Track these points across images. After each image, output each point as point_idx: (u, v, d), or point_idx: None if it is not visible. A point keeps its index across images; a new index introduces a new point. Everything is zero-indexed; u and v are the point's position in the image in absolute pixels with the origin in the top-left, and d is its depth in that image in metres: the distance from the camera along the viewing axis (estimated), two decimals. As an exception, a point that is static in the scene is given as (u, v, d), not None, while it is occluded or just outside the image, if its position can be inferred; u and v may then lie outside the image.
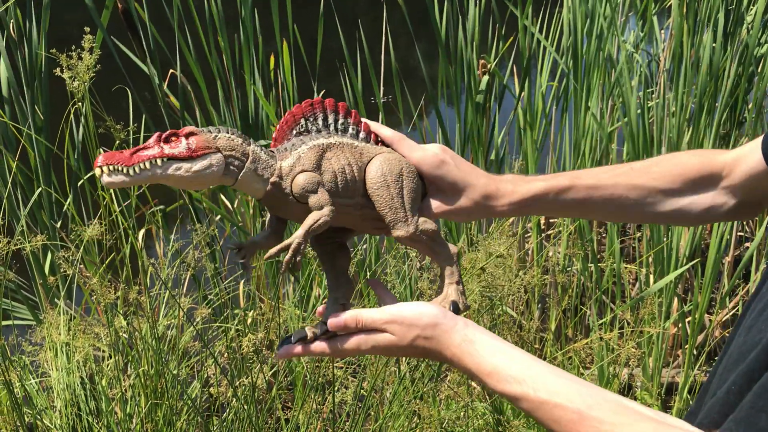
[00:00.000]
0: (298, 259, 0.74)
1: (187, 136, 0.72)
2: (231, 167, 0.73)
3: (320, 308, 0.82)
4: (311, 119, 0.80)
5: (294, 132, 0.79)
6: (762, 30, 2.72)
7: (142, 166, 0.68)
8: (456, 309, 0.79)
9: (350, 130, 0.82)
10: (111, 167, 0.68)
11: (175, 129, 0.73)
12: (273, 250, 0.73)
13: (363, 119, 0.83)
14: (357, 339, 0.76)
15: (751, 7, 2.69)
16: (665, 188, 0.84)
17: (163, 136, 0.71)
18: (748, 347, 0.58)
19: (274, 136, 0.79)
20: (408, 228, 0.79)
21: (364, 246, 2.30)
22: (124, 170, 0.68)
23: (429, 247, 0.81)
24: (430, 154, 0.82)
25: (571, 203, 0.83)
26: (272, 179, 0.75)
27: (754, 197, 0.83)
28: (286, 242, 0.73)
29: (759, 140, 0.80)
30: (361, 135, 0.83)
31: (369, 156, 0.81)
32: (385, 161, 0.80)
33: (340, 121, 0.81)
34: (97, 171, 0.68)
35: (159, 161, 0.70)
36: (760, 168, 0.80)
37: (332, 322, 0.76)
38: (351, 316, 0.76)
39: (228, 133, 0.74)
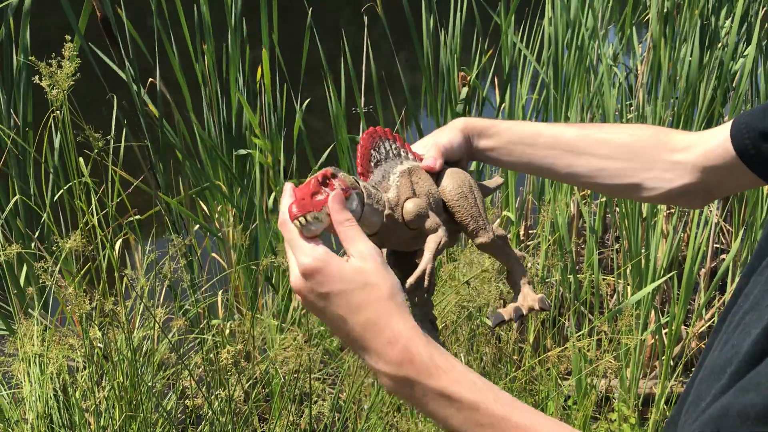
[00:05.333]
0: (433, 283, 0.77)
1: (333, 176, 0.70)
2: (359, 205, 0.72)
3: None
4: (376, 149, 0.80)
5: (372, 164, 0.80)
6: (735, 47, 2.76)
7: (325, 210, 0.67)
8: (545, 307, 0.81)
9: (402, 153, 0.82)
10: (308, 217, 0.65)
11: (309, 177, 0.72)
12: (412, 280, 0.74)
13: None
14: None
15: (726, 21, 2.73)
16: (604, 153, 0.84)
17: (320, 179, 0.69)
18: (722, 361, 0.58)
19: (359, 171, 0.79)
20: (489, 234, 0.81)
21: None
22: (319, 217, 0.66)
23: (503, 251, 0.83)
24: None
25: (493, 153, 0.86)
26: (386, 212, 0.76)
27: (706, 181, 0.82)
28: (420, 270, 0.75)
29: (726, 124, 0.80)
30: (410, 156, 0.83)
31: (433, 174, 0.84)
32: (454, 174, 0.82)
33: (394, 146, 0.82)
34: (296, 223, 0.65)
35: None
36: (721, 148, 0.79)
37: (338, 194, 0.69)
38: (350, 215, 0.67)
39: (340, 172, 0.73)
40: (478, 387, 0.59)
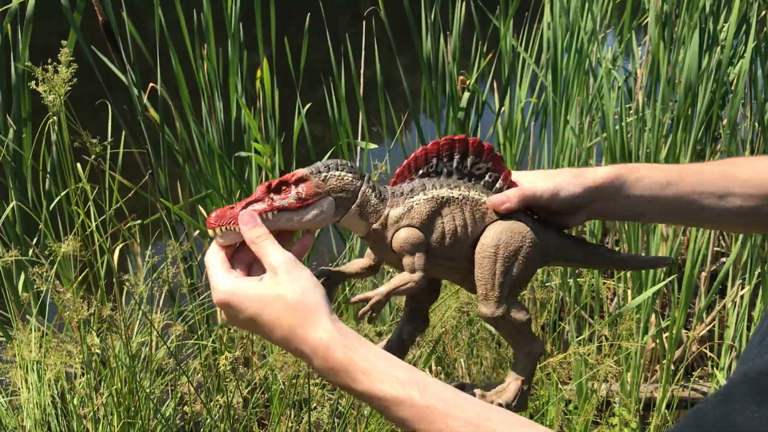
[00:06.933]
0: (374, 315, 0.71)
1: (297, 182, 0.68)
2: (340, 208, 0.70)
3: (380, 344, 0.77)
4: (445, 158, 0.73)
5: (420, 171, 0.73)
6: (733, 50, 2.76)
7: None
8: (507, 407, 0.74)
9: (486, 177, 0.74)
10: (223, 228, 0.66)
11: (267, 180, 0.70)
12: (354, 299, 0.71)
13: (508, 169, 0.75)
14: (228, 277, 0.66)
15: (724, 24, 2.74)
16: (743, 193, 0.77)
17: (273, 185, 0.68)
18: None
19: (397, 171, 0.73)
20: (494, 310, 0.72)
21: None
22: (235, 229, 0.66)
23: (510, 335, 0.75)
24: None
25: (638, 196, 0.75)
26: (375, 225, 0.71)
27: None
28: (366, 294, 0.71)
29: None
30: (498, 185, 0.74)
31: (493, 217, 0.73)
32: (506, 231, 0.72)
33: (479, 165, 0.74)
34: (210, 232, 0.67)
35: (269, 214, 0.68)
36: None
37: (246, 213, 0.67)
38: (262, 230, 0.67)
39: (338, 169, 0.70)
40: (402, 382, 0.60)
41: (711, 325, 2.64)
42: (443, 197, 0.72)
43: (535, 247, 0.73)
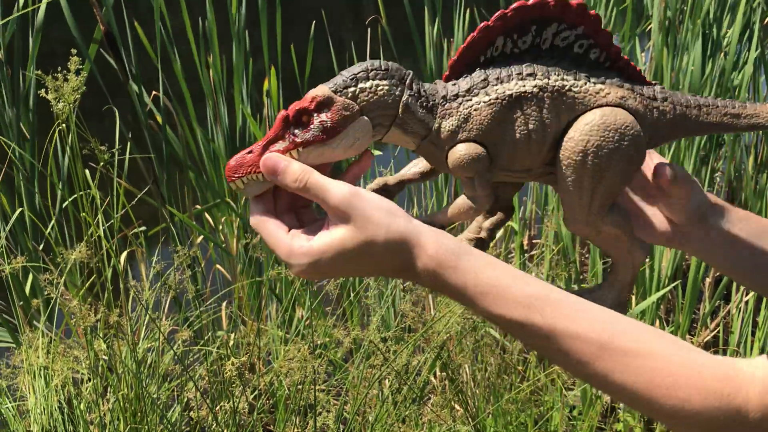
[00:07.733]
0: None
1: (319, 108, 0.55)
2: (379, 126, 0.57)
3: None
4: (516, 35, 0.55)
5: (482, 58, 0.56)
6: (737, 57, 2.77)
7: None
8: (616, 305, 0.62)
9: (576, 48, 0.55)
10: (245, 179, 0.55)
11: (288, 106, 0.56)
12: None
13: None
14: (290, 237, 0.56)
15: (728, 30, 2.75)
16: None
17: (291, 117, 0.55)
18: None
19: (450, 61, 0.57)
20: (581, 229, 0.59)
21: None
22: (260, 177, 0.55)
23: (605, 245, 0.61)
24: None
25: (737, 231, 0.68)
26: (423, 143, 0.57)
27: None
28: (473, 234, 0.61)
29: None
30: (593, 55, 0.56)
31: (584, 108, 0.56)
32: (597, 127, 0.54)
33: (564, 33, 0.55)
34: (232, 185, 0.56)
35: (294, 153, 0.55)
36: None
37: (267, 159, 0.56)
38: (298, 169, 0.56)
39: (369, 78, 0.56)
40: (521, 304, 0.55)
41: (715, 330, 2.64)
42: (511, 95, 0.55)
43: (638, 145, 0.55)
